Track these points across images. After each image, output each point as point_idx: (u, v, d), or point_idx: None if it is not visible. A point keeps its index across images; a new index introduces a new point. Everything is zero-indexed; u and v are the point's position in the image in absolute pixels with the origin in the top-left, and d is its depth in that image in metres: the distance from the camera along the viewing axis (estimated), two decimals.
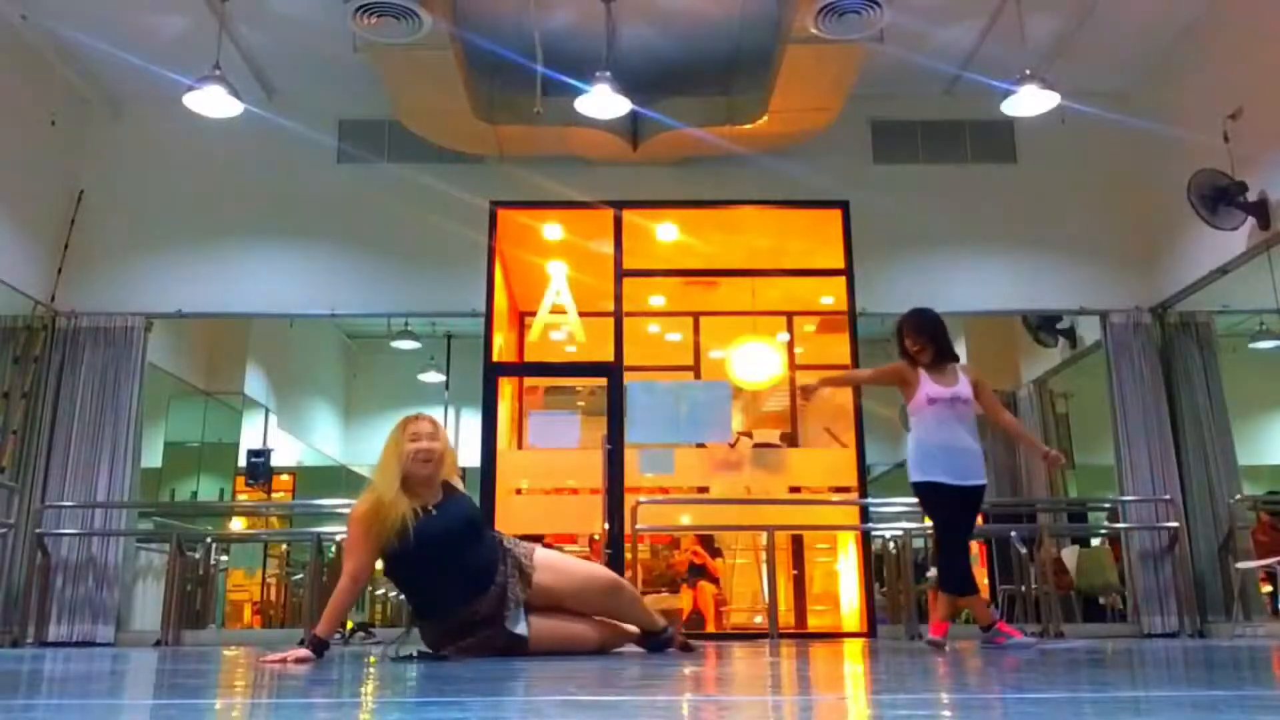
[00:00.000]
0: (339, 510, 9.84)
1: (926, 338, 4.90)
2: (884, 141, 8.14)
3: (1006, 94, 6.60)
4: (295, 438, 11.16)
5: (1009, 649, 4.50)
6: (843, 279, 7.69)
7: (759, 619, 8.37)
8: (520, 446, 8.35)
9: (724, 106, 7.56)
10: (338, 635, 7.25)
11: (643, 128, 7.58)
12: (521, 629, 3.73)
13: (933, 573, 9.86)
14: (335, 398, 12.34)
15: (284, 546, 10.34)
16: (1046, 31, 7.23)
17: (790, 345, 8.90)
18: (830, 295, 8.10)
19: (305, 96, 8.05)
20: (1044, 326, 8.90)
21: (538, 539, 8.85)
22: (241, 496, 9.96)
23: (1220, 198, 6.66)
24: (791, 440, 8.74)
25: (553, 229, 8.21)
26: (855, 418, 7.42)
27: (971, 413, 4.87)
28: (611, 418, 7.45)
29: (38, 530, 7.05)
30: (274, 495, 10.27)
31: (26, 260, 7.42)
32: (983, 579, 9.64)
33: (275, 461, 10.13)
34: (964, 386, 4.83)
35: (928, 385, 4.83)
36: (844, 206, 7.79)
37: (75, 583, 7.08)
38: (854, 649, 4.88)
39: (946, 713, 1.66)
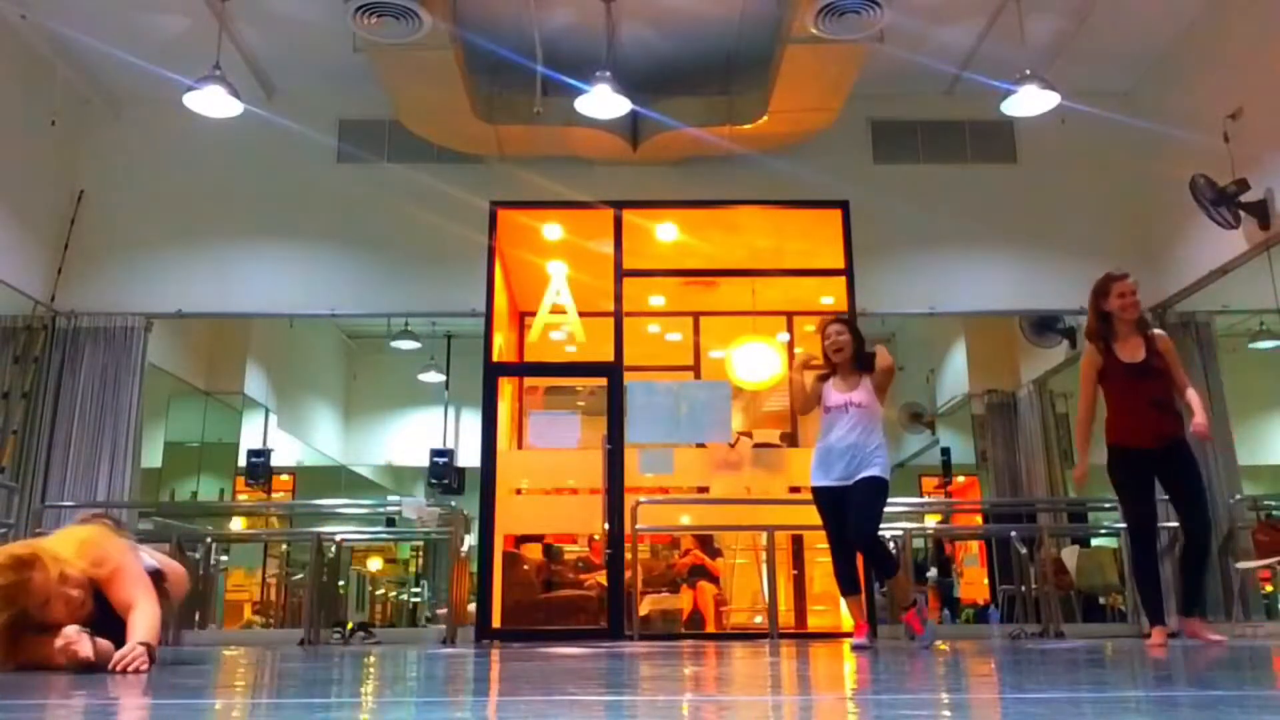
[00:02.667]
0: (339, 510, 9.88)
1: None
2: (884, 141, 8.14)
3: (1006, 94, 6.60)
4: (295, 438, 11.16)
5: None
6: (843, 279, 7.68)
7: (759, 619, 8.36)
8: (520, 446, 8.34)
9: (724, 106, 7.56)
10: (336, 635, 7.24)
11: (643, 128, 7.58)
12: None
13: (933, 573, 9.89)
14: (335, 398, 12.34)
15: (284, 546, 10.34)
16: (1046, 31, 7.23)
17: (790, 345, 8.89)
18: (830, 295, 8.09)
19: (305, 96, 8.05)
20: (1044, 328, 8.89)
21: (537, 539, 8.92)
22: (241, 496, 9.96)
23: (1219, 201, 6.67)
24: (791, 440, 8.73)
25: (553, 229, 8.21)
26: None
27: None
28: (611, 418, 7.45)
29: (38, 530, 7.03)
30: (274, 495, 10.27)
31: (26, 260, 7.42)
32: (982, 579, 9.64)
33: (275, 461, 10.13)
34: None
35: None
36: (844, 206, 7.78)
37: None
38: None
39: (946, 713, 1.66)
